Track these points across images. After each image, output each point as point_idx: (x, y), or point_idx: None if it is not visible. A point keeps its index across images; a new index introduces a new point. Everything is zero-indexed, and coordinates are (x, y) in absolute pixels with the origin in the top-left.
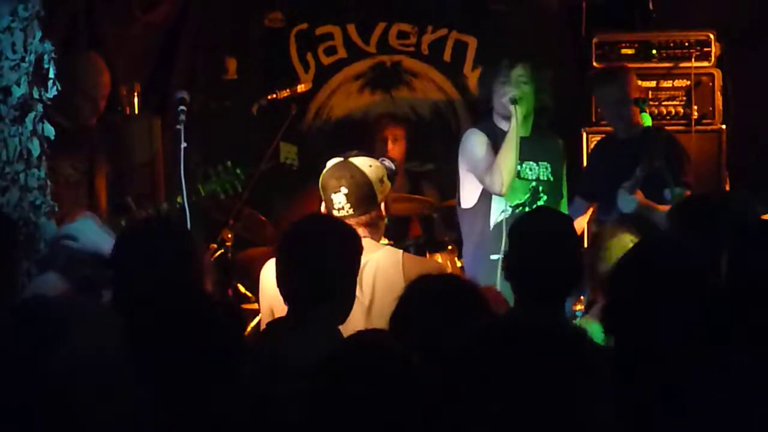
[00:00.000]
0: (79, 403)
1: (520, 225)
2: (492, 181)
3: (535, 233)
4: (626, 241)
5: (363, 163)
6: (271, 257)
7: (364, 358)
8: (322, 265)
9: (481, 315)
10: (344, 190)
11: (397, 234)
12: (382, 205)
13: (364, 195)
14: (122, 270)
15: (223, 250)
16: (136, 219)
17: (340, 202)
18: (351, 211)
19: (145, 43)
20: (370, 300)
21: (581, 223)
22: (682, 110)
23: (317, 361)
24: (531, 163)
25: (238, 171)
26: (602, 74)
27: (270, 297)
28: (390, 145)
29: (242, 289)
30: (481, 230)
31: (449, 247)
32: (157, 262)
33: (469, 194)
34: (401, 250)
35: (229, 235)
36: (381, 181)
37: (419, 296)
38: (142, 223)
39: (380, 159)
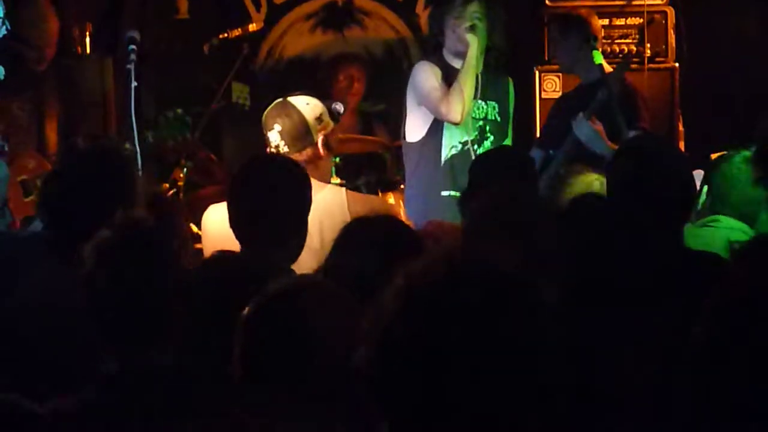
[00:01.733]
0: None
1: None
2: (449, 108)
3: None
4: (592, 179)
5: (300, 101)
6: (221, 197)
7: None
8: (273, 207)
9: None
10: (278, 127)
11: (348, 174)
12: (320, 143)
13: (298, 132)
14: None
15: (174, 190)
16: None
17: (274, 140)
18: (285, 149)
19: None
20: (319, 241)
21: None
22: (635, 48)
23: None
24: (479, 102)
25: (187, 119)
26: (563, 18)
27: (213, 240)
28: (355, 85)
29: (194, 228)
30: (429, 166)
31: (401, 186)
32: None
33: (416, 128)
34: (344, 188)
35: (181, 175)
36: (319, 119)
37: (353, 241)
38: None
39: (333, 103)
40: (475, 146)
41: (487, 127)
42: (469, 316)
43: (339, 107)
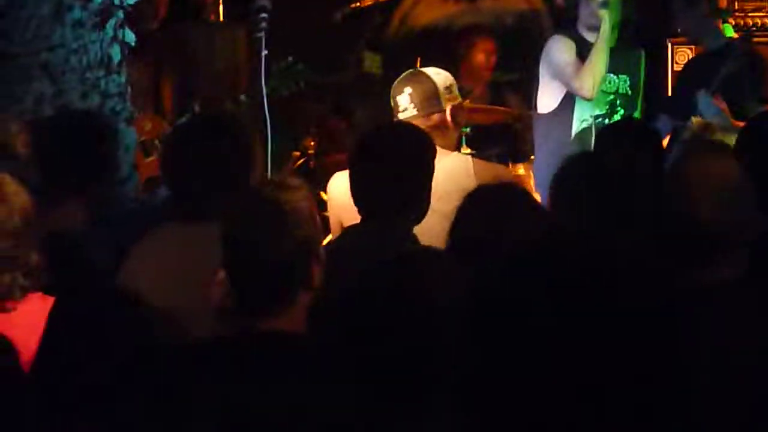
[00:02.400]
0: None
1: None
2: (582, 84)
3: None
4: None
5: (431, 70)
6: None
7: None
8: (395, 176)
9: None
10: (408, 90)
11: (478, 145)
12: (448, 112)
13: (428, 96)
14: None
15: (305, 158)
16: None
17: (404, 103)
18: (415, 111)
19: None
20: (448, 206)
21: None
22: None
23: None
24: (610, 75)
25: (299, 66)
26: None
27: (338, 209)
28: (491, 59)
29: (324, 196)
30: (559, 138)
31: (531, 158)
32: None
33: (548, 100)
34: (470, 156)
35: (312, 143)
36: (449, 89)
37: (473, 209)
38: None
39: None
40: (606, 120)
41: (618, 101)
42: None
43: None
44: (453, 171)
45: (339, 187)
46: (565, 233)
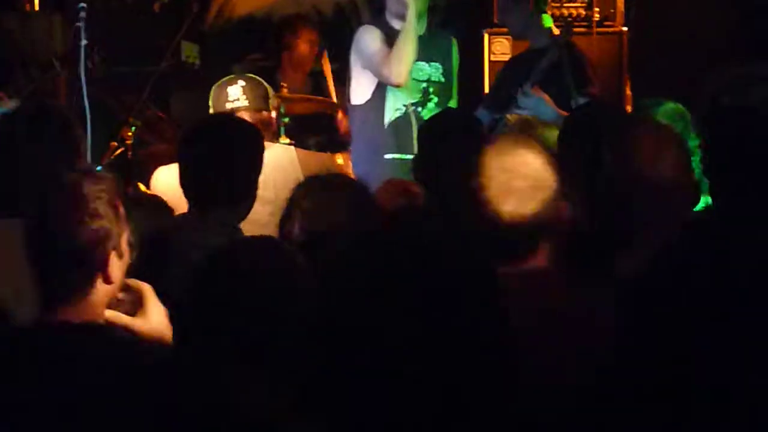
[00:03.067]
0: None
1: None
2: (390, 71)
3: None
4: (550, 134)
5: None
6: (170, 155)
7: (251, 254)
8: (227, 165)
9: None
10: (241, 83)
11: (298, 135)
12: (273, 114)
13: (260, 94)
14: None
15: (123, 149)
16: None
17: (235, 94)
18: (246, 103)
19: None
20: (273, 194)
21: None
22: (583, 12)
23: (207, 256)
24: (422, 63)
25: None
26: None
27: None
28: (315, 50)
29: (142, 187)
30: (373, 128)
31: (350, 148)
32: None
33: (361, 91)
34: (292, 146)
35: (129, 134)
36: (272, 98)
37: (311, 199)
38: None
39: None
40: (419, 108)
41: (431, 89)
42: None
43: None
44: (277, 161)
45: (164, 180)
46: (404, 228)
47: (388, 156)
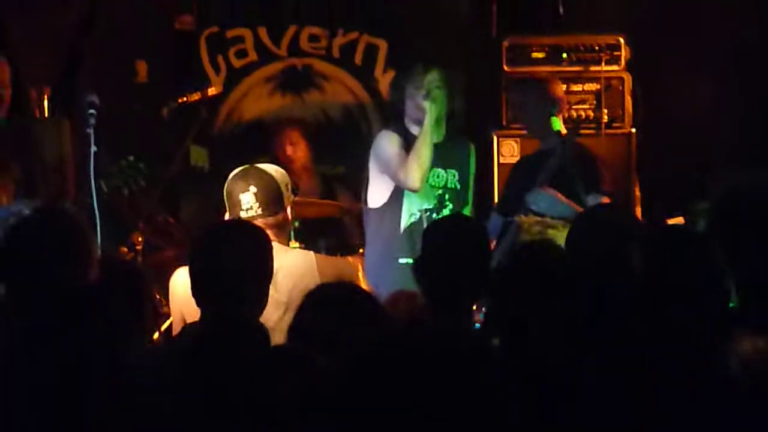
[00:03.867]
0: None
1: (434, 230)
2: (406, 176)
3: (447, 239)
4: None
5: (270, 167)
6: (180, 260)
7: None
8: (238, 268)
9: (378, 322)
10: (253, 189)
11: (307, 238)
12: (288, 210)
13: (272, 196)
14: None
15: (133, 254)
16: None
17: (248, 202)
18: (260, 211)
19: (54, 46)
20: (287, 301)
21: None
22: (592, 114)
23: None
24: (439, 170)
25: (140, 165)
26: (530, 83)
27: (180, 303)
28: (289, 149)
29: None
30: (388, 232)
31: (360, 251)
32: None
33: (378, 195)
34: (312, 252)
35: (140, 239)
36: (287, 186)
37: (315, 306)
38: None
39: None
40: (434, 214)
41: (447, 196)
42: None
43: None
44: (295, 266)
45: (182, 281)
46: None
47: (402, 260)
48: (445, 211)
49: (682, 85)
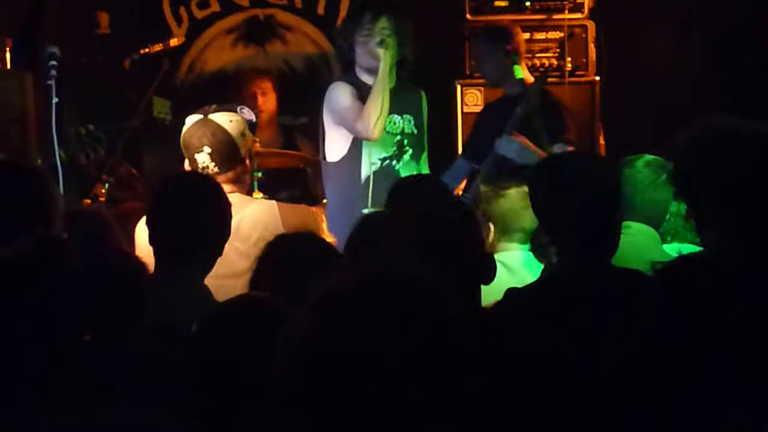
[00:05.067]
0: None
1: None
2: (365, 126)
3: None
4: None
5: (223, 119)
6: (143, 211)
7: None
8: (195, 221)
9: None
10: (207, 149)
11: (270, 189)
12: (247, 159)
13: (227, 152)
14: None
15: (96, 205)
16: None
17: (204, 161)
18: (216, 170)
19: None
20: (251, 251)
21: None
22: (555, 62)
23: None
24: (395, 116)
25: (99, 135)
26: (490, 31)
27: (145, 253)
28: (260, 99)
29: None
30: (349, 184)
31: (323, 201)
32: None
33: (336, 147)
34: (274, 201)
35: (102, 191)
36: (243, 134)
37: (275, 258)
38: None
39: (238, 108)
40: (394, 161)
41: (405, 141)
42: (383, 325)
43: (252, 117)
44: (259, 216)
45: (146, 231)
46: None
47: (365, 210)
48: (406, 157)
49: (645, 33)
